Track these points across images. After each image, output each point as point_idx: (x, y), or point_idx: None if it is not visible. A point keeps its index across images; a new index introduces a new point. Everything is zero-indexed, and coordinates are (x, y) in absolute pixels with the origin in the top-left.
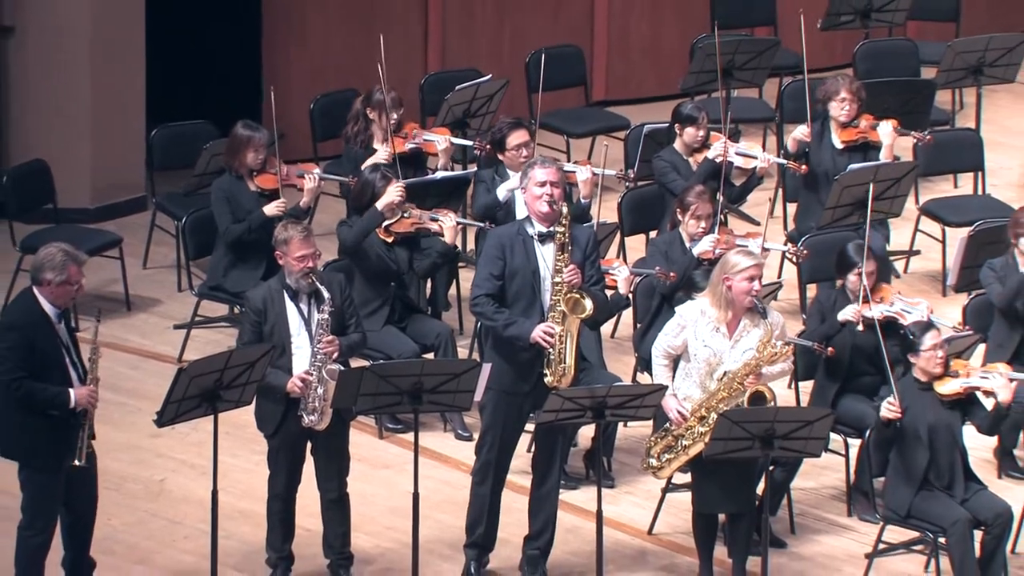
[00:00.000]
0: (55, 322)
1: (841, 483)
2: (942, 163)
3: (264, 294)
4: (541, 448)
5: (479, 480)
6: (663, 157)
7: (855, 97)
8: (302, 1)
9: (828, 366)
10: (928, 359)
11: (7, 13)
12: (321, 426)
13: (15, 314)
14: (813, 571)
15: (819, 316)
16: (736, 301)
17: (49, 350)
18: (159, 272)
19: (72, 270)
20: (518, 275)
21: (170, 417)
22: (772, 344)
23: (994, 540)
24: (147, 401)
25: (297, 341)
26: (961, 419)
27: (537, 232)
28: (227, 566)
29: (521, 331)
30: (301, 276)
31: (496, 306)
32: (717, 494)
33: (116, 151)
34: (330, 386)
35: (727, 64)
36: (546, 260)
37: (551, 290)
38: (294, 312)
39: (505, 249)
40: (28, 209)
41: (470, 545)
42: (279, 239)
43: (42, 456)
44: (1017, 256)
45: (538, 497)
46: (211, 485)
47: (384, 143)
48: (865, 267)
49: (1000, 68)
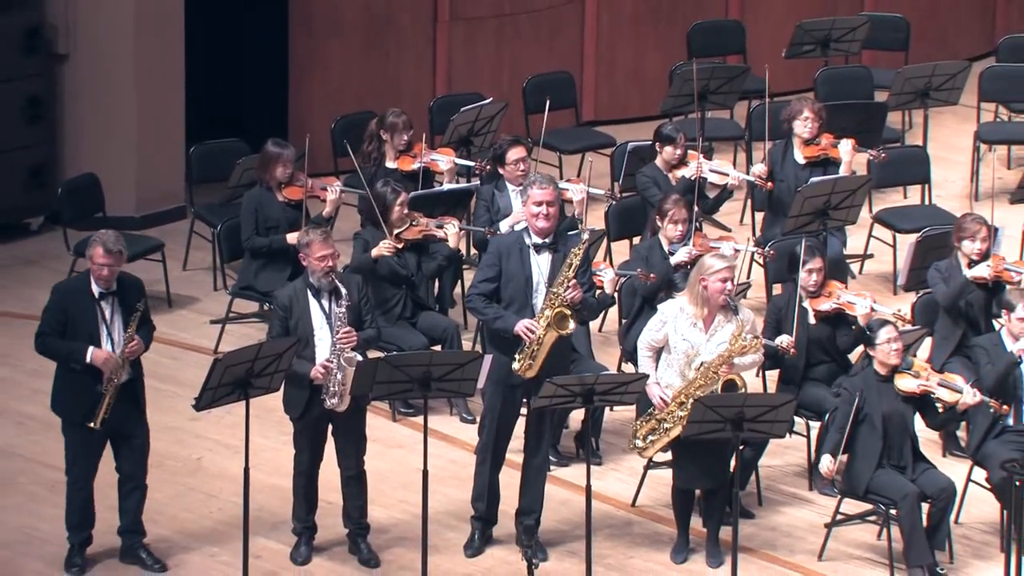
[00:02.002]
0: (96, 298)
1: (803, 461)
2: (893, 176)
3: (290, 293)
4: (532, 431)
5: (481, 460)
6: (645, 173)
7: (817, 116)
8: (324, 33)
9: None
10: (885, 352)
11: (61, 43)
12: (341, 408)
13: (63, 283)
14: (778, 539)
15: (775, 316)
16: (711, 299)
17: (82, 319)
18: (197, 273)
19: (94, 251)
20: (513, 280)
21: (207, 402)
22: (743, 337)
23: (939, 512)
24: (186, 388)
25: (320, 334)
26: (914, 411)
27: (534, 243)
28: (257, 535)
29: (507, 323)
30: (322, 275)
31: (487, 302)
32: (695, 472)
33: (158, 166)
34: (348, 372)
35: (702, 88)
36: (540, 268)
37: (547, 296)
38: (316, 308)
39: (502, 256)
40: (80, 217)
41: (475, 518)
42: (302, 243)
43: (71, 413)
44: (960, 258)
45: (529, 474)
46: (243, 463)
47: (396, 161)
48: (812, 264)
49: (944, 92)
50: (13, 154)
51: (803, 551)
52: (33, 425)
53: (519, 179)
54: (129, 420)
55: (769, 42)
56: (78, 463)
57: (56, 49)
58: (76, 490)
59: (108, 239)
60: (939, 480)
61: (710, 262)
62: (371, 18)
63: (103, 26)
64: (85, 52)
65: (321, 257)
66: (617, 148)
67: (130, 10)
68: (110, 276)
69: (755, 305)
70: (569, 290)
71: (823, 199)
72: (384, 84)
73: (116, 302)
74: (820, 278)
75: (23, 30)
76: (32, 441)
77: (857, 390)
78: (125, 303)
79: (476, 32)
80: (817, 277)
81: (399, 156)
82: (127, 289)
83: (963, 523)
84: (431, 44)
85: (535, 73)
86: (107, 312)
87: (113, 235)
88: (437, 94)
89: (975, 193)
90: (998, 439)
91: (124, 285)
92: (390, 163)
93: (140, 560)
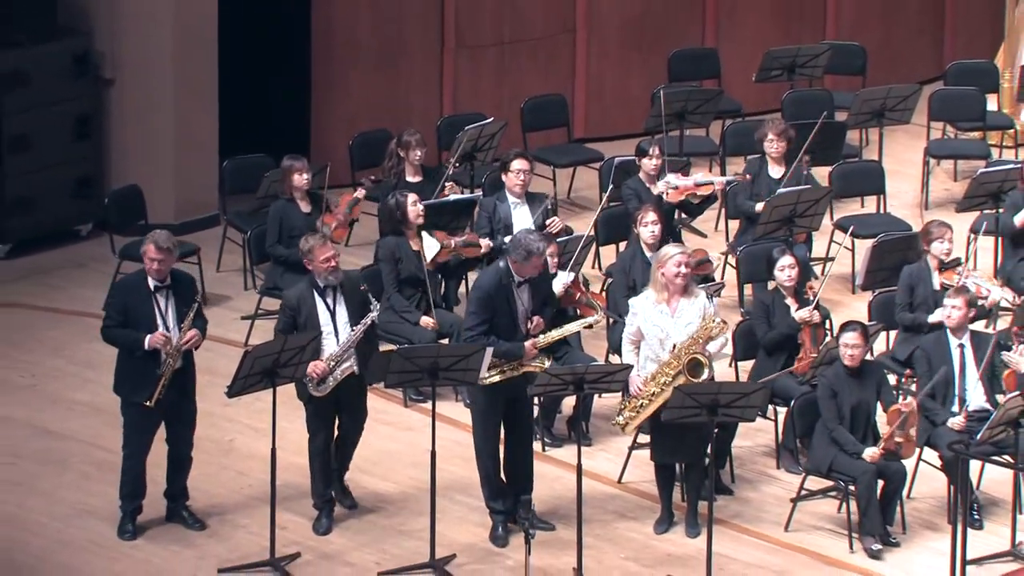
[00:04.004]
0: (152, 291)
1: (771, 442)
2: (852, 188)
3: (297, 294)
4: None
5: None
6: (629, 185)
7: (781, 136)
8: (343, 60)
9: (766, 349)
10: (843, 354)
11: (108, 68)
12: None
13: (122, 281)
14: (749, 511)
15: (763, 311)
16: (670, 284)
17: (140, 310)
18: (229, 275)
19: (148, 247)
20: (503, 316)
21: (238, 390)
22: (712, 319)
23: (892, 488)
24: (220, 377)
25: (325, 330)
26: (876, 400)
27: (516, 281)
28: (283, 508)
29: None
30: (328, 273)
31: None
32: (669, 447)
33: (195, 178)
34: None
35: (681, 109)
36: (522, 300)
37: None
38: (322, 306)
39: (491, 298)
40: (125, 224)
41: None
42: (303, 250)
43: (130, 394)
44: (930, 260)
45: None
46: (270, 444)
47: (414, 176)
48: (787, 262)
49: (898, 112)
50: (64, 167)
51: (771, 522)
52: (84, 410)
53: (518, 188)
54: (180, 403)
55: (741, 68)
56: (134, 439)
57: (103, 74)
58: (131, 464)
59: (160, 237)
60: (892, 463)
61: (664, 250)
62: (384, 46)
63: (145, 54)
64: (129, 77)
65: (324, 260)
66: (605, 162)
67: (169, 39)
68: (161, 269)
69: (726, 303)
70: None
71: (789, 208)
72: (396, 105)
73: (170, 295)
74: (796, 274)
75: (73, 57)
76: (83, 425)
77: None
78: (179, 296)
79: (479, 59)
80: (792, 273)
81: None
82: (181, 284)
83: (914, 497)
84: (438, 69)
85: (532, 95)
86: (162, 303)
87: (165, 234)
88: (444, 114)
89: (925, 203)
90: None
91: (178, 280)
92: (410, 177)
93: (183, 520)
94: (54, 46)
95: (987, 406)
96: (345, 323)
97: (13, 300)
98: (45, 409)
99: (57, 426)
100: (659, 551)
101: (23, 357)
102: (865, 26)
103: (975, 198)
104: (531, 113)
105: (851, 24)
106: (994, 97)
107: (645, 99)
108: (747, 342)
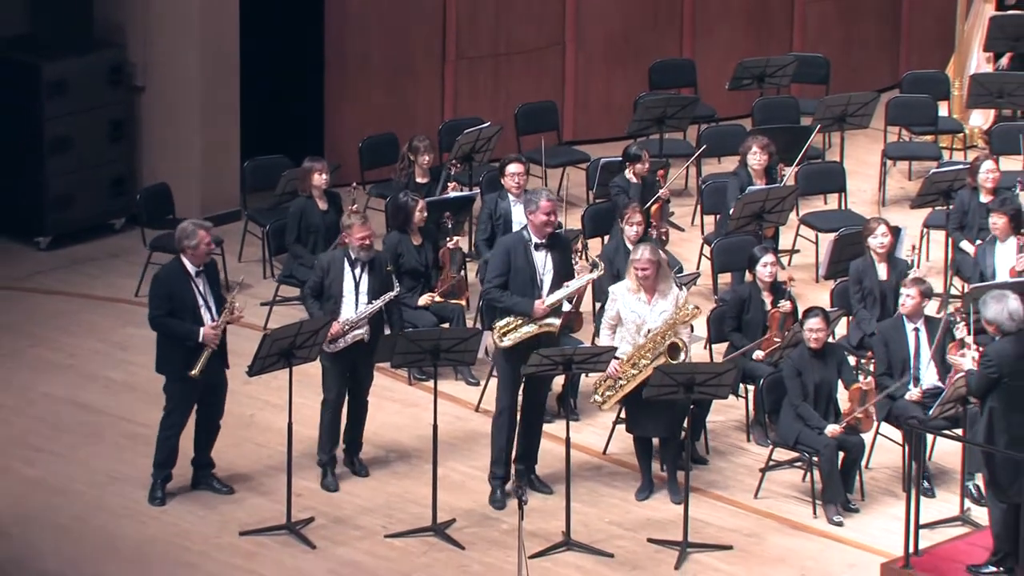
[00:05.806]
0: (193, 277)
1: (742, 417)
2: (815, 186)
3: (329, 258)
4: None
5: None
6: (616, 182)
7: (764, 150)
8: (354, 70)
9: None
10: (807, 338)
11: (139, 76)
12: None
13: (163, 272)
14: (722, 481)
15: (738, 304)
16: (640, 280)
17: (185, 297)
18: (250, 264)
19: (201, 234)
20: (520, 274)
21: (258, 369)
22: (685, 307)
23: (852, 459)
24: (242, 357)
25: (347, 297)
26: (837, 378)
27: (535, 242)
28: (299, 477)
29: (525, 308)
30: (361, 250)
31: (501, 291)
32: (643, 422)
33: (219, 177)
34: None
35: (660, 114)
36: (541, 263)
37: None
38: (349, 275)
39: (510, 253)
40: (155, 219)
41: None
42: (344, 224)
43: (174, 371)
44: (872, 254)
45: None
46: (287, 418)
47: (423, 178)
48: (768, 259)
49: (858, 118)
50: (100, 167)
51: (742, 490)
52: (118, 388)
53: (514, 188)
54: (218, 374)
55: (715, 77)
56: (176, 412)
57: (135, 82)
58: (169, 435)
59: (207, 224)
60: (852, 437)
61: (637, 252)
62: (392, 58)
63: (174, 64)
64: (159, 85)
65: (360, 237)
66: (591, 163)
67: (196, 51)
68: (211, 253)
69: (702, 291)
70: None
71: (759, 204)
72: (402, 111)
73: (205, 278)
74: (775, 269)
75: (108, 67)
76: (117, 401)
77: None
78: (210, 279)
79: (477, 69)
80: (773, 270)
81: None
82: (209, 268)
83: (873, 467)
84: (440, 78)
85: (525, 102)
86: (201, 287)
87: (195, 220)
88: (445, 119)
89: (882, 200)
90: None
91: (206, 265)
92: (419, 179)
93: (211, 486)
94: (91, 58)
95: (939, 384)
96: (365, 294)
97: (54, 287)
98: (83, 386)
99: (93, 402)
100: (640, 516)
101: (62, 339)
102: (828, 39)
103: (927, 196)
104: (524, 118)
105: (815, 37)
106: (945, 104)
107: (628, 106)
108: (719, 327)
